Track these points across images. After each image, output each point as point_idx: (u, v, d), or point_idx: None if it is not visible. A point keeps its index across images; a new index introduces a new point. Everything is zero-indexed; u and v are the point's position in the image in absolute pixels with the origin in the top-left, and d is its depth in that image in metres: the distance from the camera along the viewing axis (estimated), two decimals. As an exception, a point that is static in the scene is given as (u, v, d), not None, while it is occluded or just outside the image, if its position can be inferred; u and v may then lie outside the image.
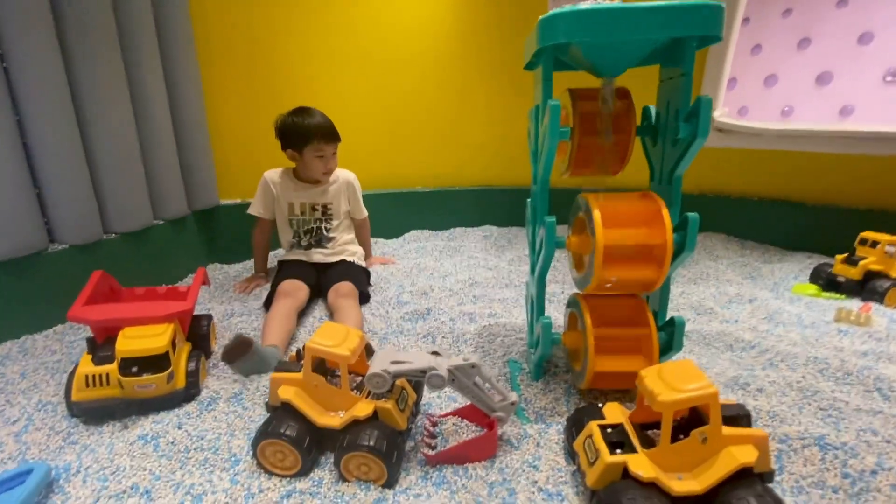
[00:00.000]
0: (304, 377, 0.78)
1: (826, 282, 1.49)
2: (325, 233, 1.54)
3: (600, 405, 0.76)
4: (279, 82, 1.84)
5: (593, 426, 0.70)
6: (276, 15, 1.79)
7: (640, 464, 0.62)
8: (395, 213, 2.09)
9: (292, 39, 1.84)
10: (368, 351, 0.96)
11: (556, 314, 1.32)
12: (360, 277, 1.45)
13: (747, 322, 1.31)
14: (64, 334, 1.20)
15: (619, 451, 0.65)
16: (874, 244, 1.43)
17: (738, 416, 0.65)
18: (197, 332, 1.08)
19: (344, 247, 1.58)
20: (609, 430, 0.70)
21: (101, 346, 0.92)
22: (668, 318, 0.87)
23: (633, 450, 0.65)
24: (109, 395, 0.88)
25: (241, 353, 0.99)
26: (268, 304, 1.33)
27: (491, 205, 2.22)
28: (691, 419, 0.69)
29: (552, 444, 0.80)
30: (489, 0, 2.01)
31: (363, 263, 1.59)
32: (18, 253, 1.14)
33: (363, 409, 0.76)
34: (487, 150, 2.21)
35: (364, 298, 1.44)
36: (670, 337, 0.84)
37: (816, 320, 1.30)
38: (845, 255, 1.48)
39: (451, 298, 1.46)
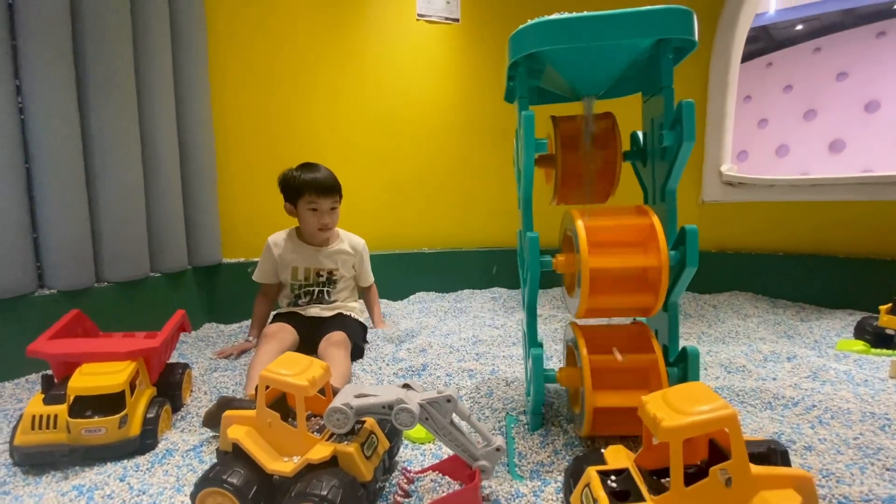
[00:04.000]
0: (258, 413, 0.69)
1: (874, 337, 1.33)
2: (325, 297, 1.49)
3: (603, 451, 0.63)
4: (289, 145, 1.93)
5: (591, 472, 0.57)
6: (290, 81, 1.92)
7: (649, 515, 0.48)
8: (400, 274, 2.05)
9: (305, 105, 1.96)
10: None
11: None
12: (354, 330, 1.37)
13: (787, 380, 1.15)
14: (36, 383, 1.14)
15: (624, 502, 0.52)
16: (922, 291, 1.28)
17: (769, 453, 0.52)
18: (168, 380, 1.00)
19: (344, 304, 1.52)
20: (612, 476, 0.57)
21: (56, 384, 0.85)
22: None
23: (640, 498, 0.51)
24: (54, 440, 0.79)
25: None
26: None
27: (499, 266, 2.16)
28: (713, 461, 0.55)
29: (548, 505, 0.66)
30: (490, 69, 2.14)
31: (361, 319, 1.51)
32: (4, 294, 1.13)
33: (319, 452, 0.65)
34: (494, 212, 2.20)
35: (358, 353, 1.35)
36: (684, 372, 0.72)
37: (869, 377, 1.13)
38: (889, 305, 1.32)
39: (451, 355, 1.35)
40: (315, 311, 1.46)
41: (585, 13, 0.67)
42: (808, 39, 3.38)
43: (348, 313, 1.48)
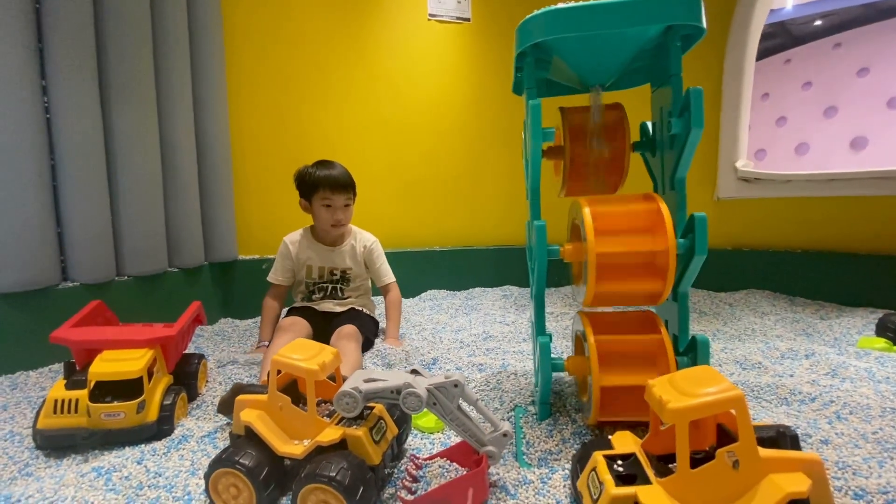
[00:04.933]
0: (269, 397, 0.70)
1: (896, 334, 1.29)
2: (339, 293, 1.50)
3: (610, 437, 0.63)
4: (303, 144, 1.96)
5: (598, 457, 0.57)
6: (304, 81, 1.97)
7: (654, 497, 0.48)
8: (412, 272, 2.06)
9: (318, 106, 2.00)
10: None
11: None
12: (366, 324, 1.39)
13: (805, 376, 1.12)
14: (58, 372, 1.17)
15: (630, 485, 0.52)
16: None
17: (778, 437, 0.51)
18: (185, 369, 1.03)
19: (356, 300, 1.53)
20: (618, 461, 0.56)
21: (78, 371, 0.88)
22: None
23: (646, 482, 0.51)
24: (75, 424, 0.82)
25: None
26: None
27: (511, 265, 2.16)
28: (721, 447, 0.55)
29: (555, 492, 0.66)
30: (501, 68, 2.14)
31: (373, 314, 1.52)
32: (29, 286, 1.17)
33: (329, 435, 0.66)
34: (505, 211, 2.20)
35: (369, 347, 1.36)
36: (693, 361, 0.71)
37: (891, 375, 1.10)
38: (913, 301, 1.29)
39: (462, 350, 1.36)
40: (328, 305, 1.48)
41: (592, 1, 0.68)
42: (828, 35, 3.30)
43: (360, 308, 1.49)
